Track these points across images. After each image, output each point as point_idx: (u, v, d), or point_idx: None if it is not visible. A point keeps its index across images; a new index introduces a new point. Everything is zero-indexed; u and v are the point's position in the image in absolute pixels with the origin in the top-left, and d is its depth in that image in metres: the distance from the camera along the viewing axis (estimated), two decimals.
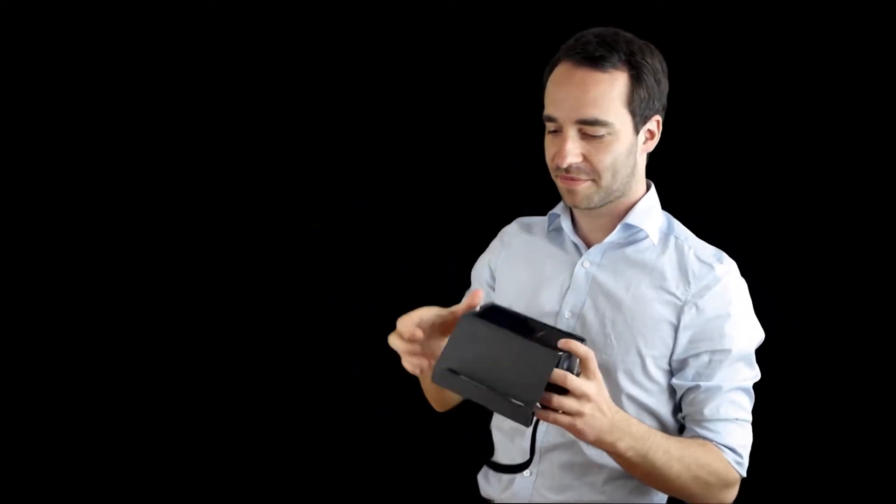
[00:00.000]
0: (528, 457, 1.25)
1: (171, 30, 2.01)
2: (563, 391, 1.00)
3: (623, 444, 1.08)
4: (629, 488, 1.27)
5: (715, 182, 1.81)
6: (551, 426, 1.26)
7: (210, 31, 2.00)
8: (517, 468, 1.17)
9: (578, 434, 1.03)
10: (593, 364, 1.02)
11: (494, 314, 1.07)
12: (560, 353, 0.99)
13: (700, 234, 1.32)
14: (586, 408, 1.01)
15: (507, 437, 1.34)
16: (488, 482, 1.39)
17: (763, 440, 1.27)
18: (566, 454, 1.26)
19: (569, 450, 1.26)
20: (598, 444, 1.07)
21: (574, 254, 1.33)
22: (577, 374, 1.02)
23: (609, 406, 1.05)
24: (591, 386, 1.01)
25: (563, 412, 1.00)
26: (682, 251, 1.27)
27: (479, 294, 1.10)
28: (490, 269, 1.42)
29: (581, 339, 1.05)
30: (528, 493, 1.29)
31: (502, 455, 1.36)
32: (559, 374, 0.98)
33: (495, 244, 1.45)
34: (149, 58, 2.02)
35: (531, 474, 1.29)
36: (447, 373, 1.02)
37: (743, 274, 1.27)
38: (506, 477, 1.33)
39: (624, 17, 1.64)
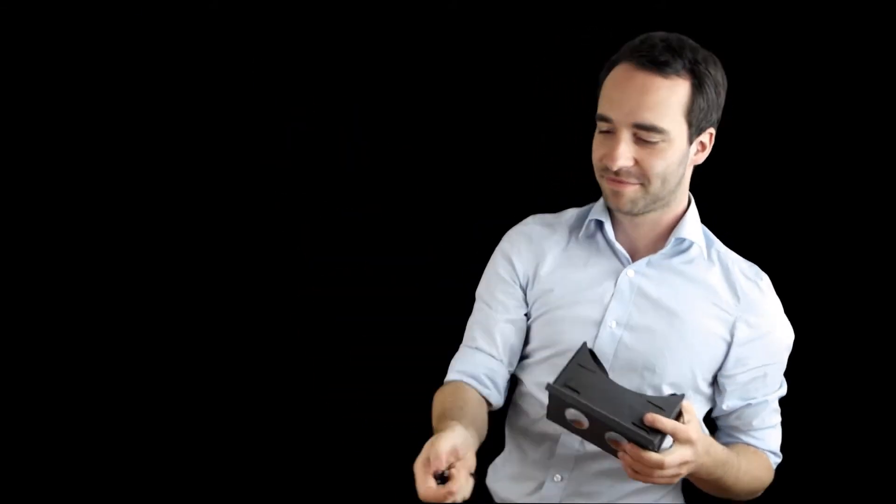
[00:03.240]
0: (551, 462, 1.27)
1: (170, 30, 2.01)
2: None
3: (706, 473, 1.15)
4: (662, 493, 1.28)
5: (701, 179, 1.80)
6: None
7: (211, 30, 1.99)
8: None
9: None
10: (683, 433, 1.05)
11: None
12: (651, 439, 1.03)
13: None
14: (684, 469, 1.07)
15: (532, 441, 1.32)
16: (506, 486, 1.36)
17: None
18: (605, 462, 1.24)
19: (607, 459, 1.22)
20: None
21: (616, 261, 1.28)
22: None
23: (702, 448, 1.09)
24: (688, 452, 1.06)
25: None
26: (727, 265, 1.26)
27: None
28: (523, 273, 1.34)
29: (680, 396, 1.09)
30: (557, 498, 1.28)
31: (526, 456, 1.33)
32: (656, 462, 1.03)
33: (522, 248, 1.35)
34: (149, 58, 2.01)
35: (562, 479, 1.28)
36: (566, 389, 1.07)
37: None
38: (533, 481, 1.31)
39: (624, 18, 1.64)
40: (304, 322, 2.06)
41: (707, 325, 1.22)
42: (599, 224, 1.29)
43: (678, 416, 1.07)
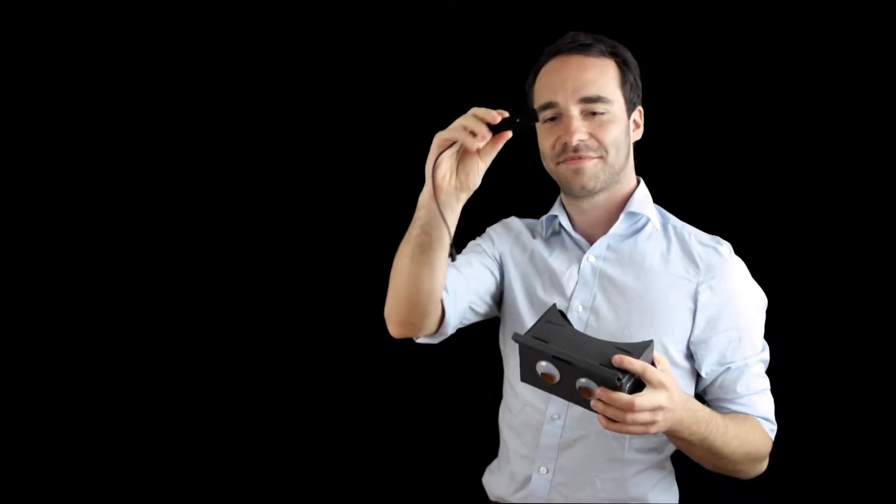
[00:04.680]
0: (536, 454, 1.27)
1: (171, 30, 2.01)
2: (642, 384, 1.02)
3: (687, 431, 1.11)
4: (650, 485, 1.28)
5: (702, 179, 1.81)
6: (570, 421, 1.27)
7: (211, 30, 2.00)
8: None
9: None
10: (653, 374, 1.03)
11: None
12: (618, 375, 1.01)
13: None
14: (659, 416, 1.03)
15: (516, 434, 1.34)
16: (498, 482, 1.38)
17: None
18: (586, 449, 1.26)
19: (589, 445, 1.26)
20: (666, 432, 1.10)
21: (577, 250, 1.34)
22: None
23: (679, 399, 1.06)
24: (661, 396, 1.02)
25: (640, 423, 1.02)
26: (684, 237, 1.31)
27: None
28: (498, 250, 1.41)
29: (650, 342, 1.06)
30: (545, 492, 1.28)
31: (511, 451, 1.35)
32: (626, 403, 1.00)
33: (500, 230, 1.44)
34: (149, 58, 2.01)
35: (548, 472, 1.28)
36: (533, 338, 1.06)
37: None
38: (520, 476, 1.32)
39: (625, 18, 1.64)
40: (304, 322, 2.06)
41: (670, 298, 1.25)
42: (558, 219, 1.36)
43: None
